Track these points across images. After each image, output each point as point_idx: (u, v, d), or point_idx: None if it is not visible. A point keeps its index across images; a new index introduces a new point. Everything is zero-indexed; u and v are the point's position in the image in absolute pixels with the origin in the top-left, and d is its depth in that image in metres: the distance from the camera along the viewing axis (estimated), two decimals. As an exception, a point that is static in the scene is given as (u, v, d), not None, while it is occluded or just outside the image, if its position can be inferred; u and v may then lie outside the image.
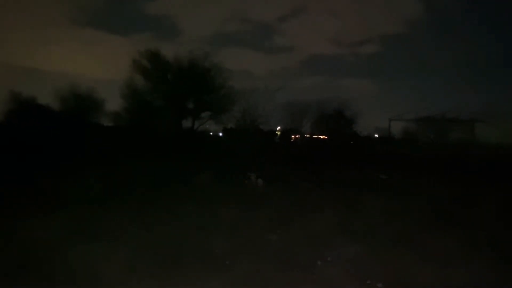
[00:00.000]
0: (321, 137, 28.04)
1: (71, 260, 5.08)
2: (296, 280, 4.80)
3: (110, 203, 8.56)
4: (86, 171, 12.32)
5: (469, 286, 4.57)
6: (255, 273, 4.96)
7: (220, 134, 31.02)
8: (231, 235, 6.45)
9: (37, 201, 8.42)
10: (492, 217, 8.13)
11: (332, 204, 9.05)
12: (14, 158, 14.23)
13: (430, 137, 23.71)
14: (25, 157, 14.52)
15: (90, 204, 8.18)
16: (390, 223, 7.40)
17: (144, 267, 4.99)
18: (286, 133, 28.81)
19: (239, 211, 8.11)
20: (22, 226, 6.47)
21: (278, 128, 29.36)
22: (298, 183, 12.62)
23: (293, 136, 29.07)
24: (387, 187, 12.43)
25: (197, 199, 9.32)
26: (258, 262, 5.32)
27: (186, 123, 25.65)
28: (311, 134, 28.29)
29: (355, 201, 9.41)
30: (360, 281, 4.78)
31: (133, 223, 6.97)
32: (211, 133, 30.52)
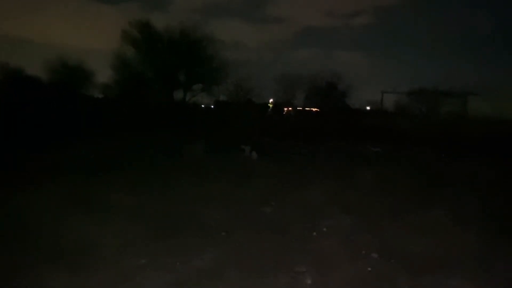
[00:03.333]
0: (314, 109, 27.95)
1: (65, 232, 5.06)
2: (292, 250, 4.84)
3: (102, 174, 8.49)
4: (78, 143, 12.19)
5: (463, 256, 4.64)
6: (251, 244, 5.00)
7: (212, 106, 30.73)
8: (225, 207, 6.47)
9: (29, 173, 8.34)
10: (485, 188, 8.26)
11: (326, 177, 9.09)
12: (4, 130, 13.97)
13: (422, 110, 23.72)
14: (15, 129, 14.27)
15: (82, 176, 8.11)
16: (384, 195, 7.47)
17: (139, 238, 4.99)
18: (278, 106, 28.65)
19: (233, 184, 8.11)
20: (14, 197, 6.41)
21: (271, 100, 29.16)
22: (292, 155, 12.63)
23: (285, 109, 28.94)
24: (380, 159, 12.50)
25: (190, 171, 9.29)
26: (253, 233, 5.35)
27: (178, 95, 25.30)
28: (304, 107, 28.16)
29: (348, 174, 9.47)
30: (355, 251, 4.84)
31: (126, 194, 6.95)
32: (203, 106, 30.22)
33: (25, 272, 3.98)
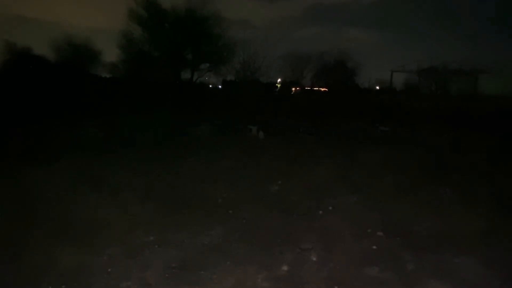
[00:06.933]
0: (322, 89, 27.72)
1: (74, 209, 5.15)
2: (299, 228, 4.88)
3: (109, 153, 8.56)
4: (86, 122, 12.28)
5: (468, 235, 4.65)
6: (258, 222, 5.06)
7: (220, 86, 30.62)
8: (232, 185, 6.52)
9: (38, 151, 8.44)
10: (492, 167, 8.20)
11: (333, 156, 9.08)
12: (13, 109, 14.10)
13: (432, 89, 23.43)
14: (25, 108, 14.38)
15: (89, 154, 8.19)
16: (390, 173, 7.45)
17: (146, 216, 5.07)
18: (286, 85, 28.43)
19: (240, 162, 8.14)
20: (24, 176, 6.51)
21: (279, 80, 28.94)
22: (299, 135, 12.62)
23: (293, 89, 28.74)
24: (387, 138, 12.44)
25: (198, 150, 9.34)
26: (260, 211, 5.41)
27: (185, 75, 25.23)
28: (312, 86, 27.95)
29: (356, 153, 9.43)
30: (361, 230, 4.86)
31: (134, 173, 7.03)
32: (210, 86, 30.14)
33: (34, 248, 4.07)
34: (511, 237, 4.66)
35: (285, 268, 3.92)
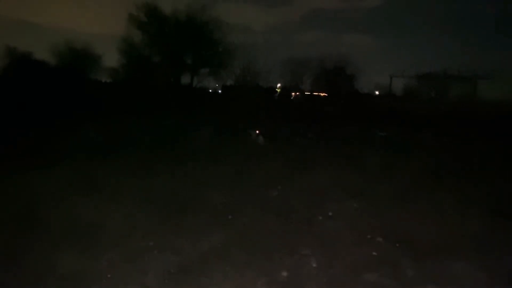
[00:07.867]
0: (321, 94, 27.80)
1: (73, 214, 5.13)
2: (298, 233, 4.88)
3: (109, 157, 8.55)
4: (86, 125, 12.27)
5: (468, 240, 4.65)
6: (257, 227, 5.04)
7: (219, 91, 30.69)
8: (232, 190, 6.50)
9: (37, 155, 8.43)
10: (492, 172, 8.21)
11: (333, 161, 9.08)
12: (12, 113, 14.10)
13: (431, 94, 23.50)
14: (23, 112, 14.38)
15: (89, 158, 8.18)
16: (389, 179, 7.45)
17: (146, 221, 5.06)
18: (286, 90, 28.50)
19: (240, 167, 8.13)
20: (22, 180, 6.49)
21: (278, 85, 29.01)
22: (299, 140, 12.61)
23: (293, 93, 28.80)
24: (386, 143, 12.44)
25: (197, 154, 9.33)
26: (259, 216, 5.39)
27: (185, 79, 25.31)
28: (311, 92, 28.04)
29: (355, 158, 9.44)
30: (360, 236, 4.85)
31: (133, 177, 7.02)
32: (210, 90, 30.19)
33: (33, 253, 4.07)
34: (511, 243, 4.66)
35: (284, 273, 3.91)
